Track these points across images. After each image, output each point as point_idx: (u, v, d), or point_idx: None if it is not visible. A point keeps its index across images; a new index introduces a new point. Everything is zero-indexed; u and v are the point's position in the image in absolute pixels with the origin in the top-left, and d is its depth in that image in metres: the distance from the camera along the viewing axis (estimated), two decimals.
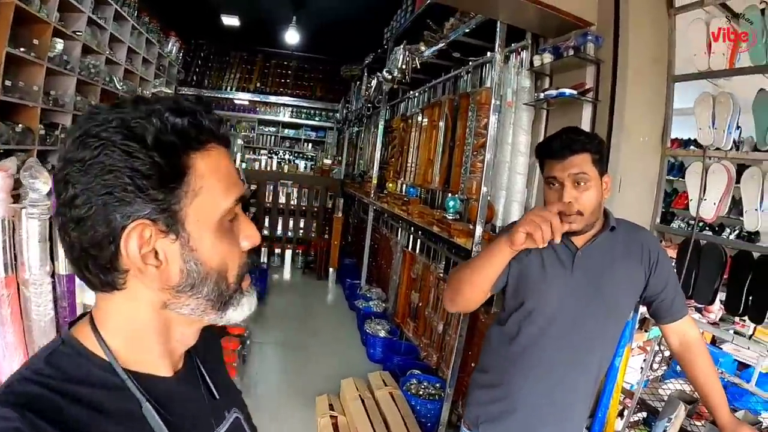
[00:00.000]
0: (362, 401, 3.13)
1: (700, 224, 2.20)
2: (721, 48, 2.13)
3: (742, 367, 2.72)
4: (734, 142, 2.18)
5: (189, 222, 0.57)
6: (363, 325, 4.48)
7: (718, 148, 2.11)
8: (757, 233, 2.43)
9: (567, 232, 1.33)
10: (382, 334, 4.28)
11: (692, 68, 2.24)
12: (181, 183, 0.56)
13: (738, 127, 2.20)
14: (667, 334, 1.51)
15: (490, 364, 1.57)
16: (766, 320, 1.91)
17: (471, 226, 2.76)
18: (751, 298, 1.90)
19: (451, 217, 3.18)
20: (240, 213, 0.63)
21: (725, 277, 2.00)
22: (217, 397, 0.71)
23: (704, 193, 2.12)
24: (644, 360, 2.19)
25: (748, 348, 2.27)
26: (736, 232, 4.27)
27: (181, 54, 8.90)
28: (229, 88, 9.63)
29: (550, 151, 1.40)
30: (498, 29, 2.60)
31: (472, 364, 2.82)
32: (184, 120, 0.56)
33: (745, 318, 2.10)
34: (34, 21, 4.15)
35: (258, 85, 9.66)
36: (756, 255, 1.89)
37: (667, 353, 2.31)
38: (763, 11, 1.92)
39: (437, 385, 3.33)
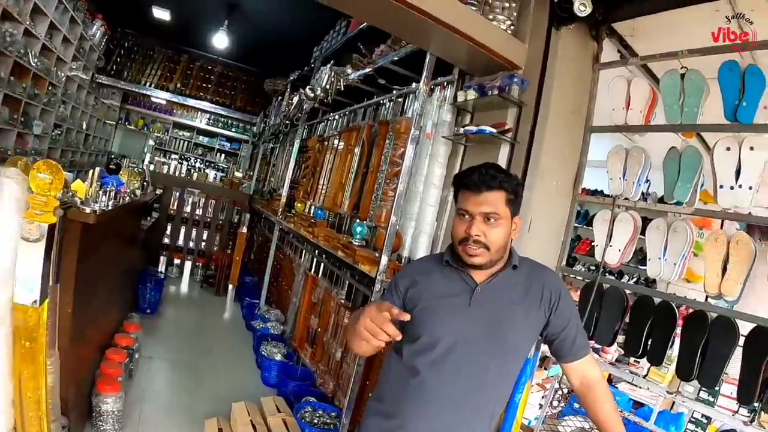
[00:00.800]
0: (254, 427, 2.86)
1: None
2: (639, 105, 2.18)
3: (637, 406, 2.79)
4: (642, 194, 2.21)
5: None
6: (259, 347, 4.14)
7: (626, 199, 2.14)
8: (654, 281, 2.46)
9: (469, 265, 1.32)
10: (278, 357, 3.96)
11: (610, 121, 2.26)
12: None
13: (647, 181, 2.25)
14: (568, 373, 1.44)
15: (385, 394, 1.45)
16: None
17: (377, 254, 2.59)
18: (650, 341, 1.95)
19: (357, 243, 2.98)
20: None
21: (625, 320, 2.04)
22: None
23: (610, 239, 2.15)
24: (543, 397, 2.18)
25: (648, 388, 2.29)
26: (635, 278, 4.39)
27: (104, 40, 8.08)
28: (148, 84, 8.87)
29: (467, 183, 1.34)
30: (427, 60, 2.49)
31: (369, 394, 2.57)
32: None
33: (641, 360, 2.15)
34: None
35: (179, 85, 8.99)
36: (657, 300, 1.94)
37: (566, 390, 2.31)
38: (682, 75, 1.98)
39: (333, 414, 3.07)
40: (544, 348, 1.71)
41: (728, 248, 1.79)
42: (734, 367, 1.74)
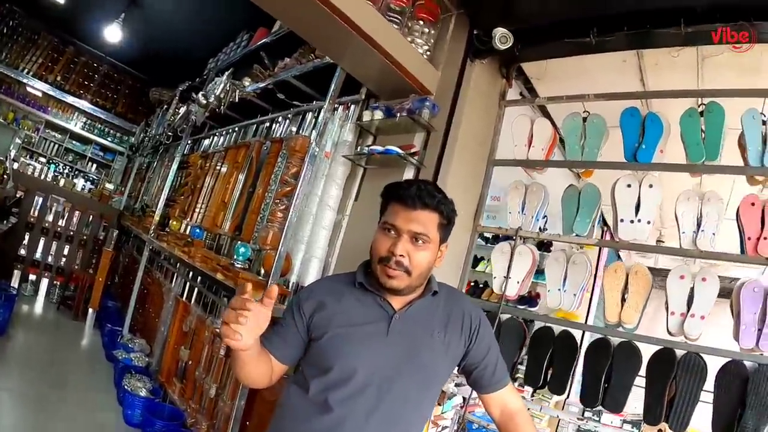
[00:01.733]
0: None
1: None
2: (541, 144, 2.18)
3: None
4: (540, 229, 2.19)
5: None
6: (121, 381, 3.42)
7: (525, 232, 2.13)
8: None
9: (386, 289, 1.14)
10: (143, 393, 3.27)
11: (512, 156, 2.22)
12: None
13: (545, 216, 2.23)
14: (488, 404, 1.31)
15: None
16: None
17: (261, 278, 2.26)
18: (550, 371, 1.92)
19: (240, 266, 2.58)
20: None
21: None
22: None
23: (508, 272, 2.09)
24: None
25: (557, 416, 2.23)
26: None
27: None
28: (27, 71, 7.46)
29: (401, 195, 1.15)
30: (336, 76, 2.26)
31: None
32: None
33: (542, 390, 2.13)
34: None
35: (59, 78, 7.68)
36: (557, 331, 1.93)
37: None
38: (584, 119, 2.06)
39: None
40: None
41: (627, 279, 1.83)
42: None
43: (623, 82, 2.32)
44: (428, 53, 2.20)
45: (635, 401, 1.80)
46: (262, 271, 2.45)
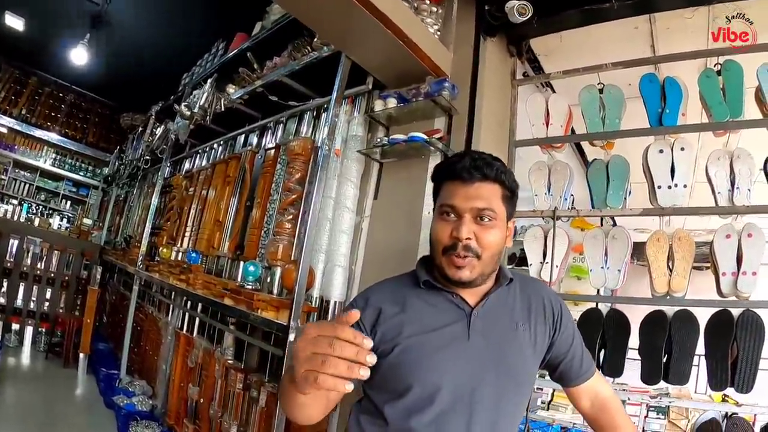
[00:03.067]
0: None
1: None
2: (559, 120, 2.10)
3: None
4: (568, 208, 2.08)
5: None
6: (126, 430, 3.15)
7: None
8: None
9: (456, 283, 0.99)
10: None
11: (531, 136, 2.12)
12: None
13: (572, 195, 2.15)
14: (577, 397, 1.20)
15: None
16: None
17: (283, 297, 2.06)
18: (602, 354, 1.82)
19: (250, 287, 2.32)
20: None
21: None
22: None
23: (544, 257, 2.01)
24: None
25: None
26: None
27: None
28: None
29: (454, 171, 1.01)
30: (340, 64, 2.06)
31: None
32: None
33: None
34: None
35: (23, 111, 7.30)
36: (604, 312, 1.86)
37: None
38: (600, 90, 2.00)
39: None
40: None
41: (671, 246, 1.77)
42: None
43: (632, 52, 2.28)
44: (438, 33, 2.07)
45: None
46: (275, 290, 2.28)
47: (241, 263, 2.75)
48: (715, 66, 1.80)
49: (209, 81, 3.23)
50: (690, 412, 2.95)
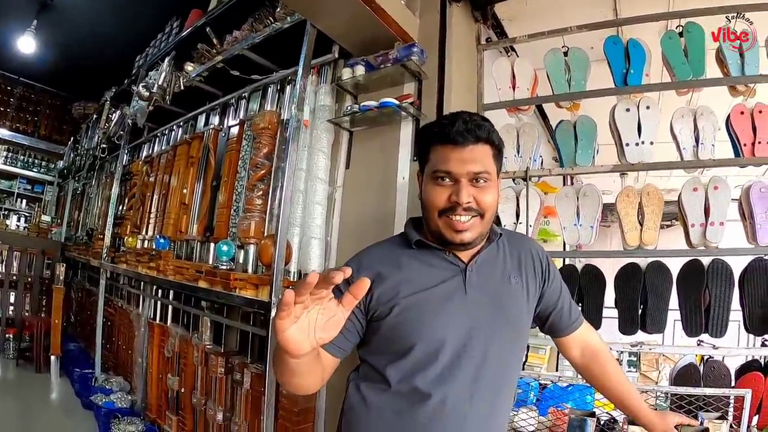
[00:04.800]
0: None
1: None
2: (525, 84, 2.11)
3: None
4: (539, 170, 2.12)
5: None
6: (108, 428, 3.04)
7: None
8: None
9: (453, 244, 0.99)
10: None
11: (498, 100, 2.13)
12: None
13: (540, 156, 2.18)
14: (567, 347, 1.22)
15: None
16: None
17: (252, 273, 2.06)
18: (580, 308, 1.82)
19: (225, 267, 2.28)
20: None
21: None
22: None
23: (518, 218, 2.04)
24: None
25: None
26: None
27: None
28: None
29: (446, 134, 0.98)
30: (306, 33, 2.03)
31: None
32: None
33: None
34: None
35: None
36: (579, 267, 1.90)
37: None
38: (565, 53, 2.02)
39: None
40: None
41: (640, 201, 1.82)
42: None
43: (596, 14, 2.31)
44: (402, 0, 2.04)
45: None
46: (249, 268, 2.23)
47: (212, 245, 2.70)
48: (677, 28, 1.85)
49: (167, 60, 3.08)
50: (660, 363, 3.08)
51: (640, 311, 1.75)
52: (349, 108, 2.01)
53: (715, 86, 1.80)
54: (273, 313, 1.74)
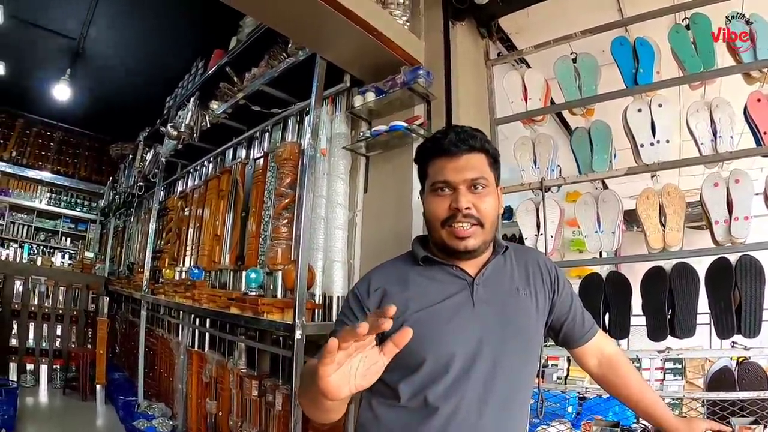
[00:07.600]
0: None
1: None
2: (537, 95, 2.11)
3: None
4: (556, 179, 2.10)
5: None
6: None
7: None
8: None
9: (459, 253, 1.00)
10: None
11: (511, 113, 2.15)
12: None
13: (558, 166, 2.16)
14: (584, 358, 1.20)
15: None
16: None
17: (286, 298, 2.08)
18: (607, 317, 1.82)
19: (254, 293, 2.36)
20: None
21: None
22: None
23: (538, 229, 2.01)
24: None
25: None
26: None
27: None
28: None
29: (440, 147, 1.02)
30: (316, 65, 2.12)
31: None
32: None
33: None
34: None
35: (14, 154, 7.30)
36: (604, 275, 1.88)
37: None
38: (574, 60, 2.02)
39: None
40: None
41: (661, 202, 1.79)
42: None
43: (602, 18, 2.32)
44: (407, 24, 2.10)
45: None
46: (278, 293, 2.31)
47: (243, 273, 2.80)
48: (683, 21, 1.82)
49: (192, 100, 3.25)
50: (706, 368, 2.95)
51: (668, 317, 1.70)
52: (362, 134, 2.08)
53: (728, 75, 1.75)
54: (297, 334, 1.80)
